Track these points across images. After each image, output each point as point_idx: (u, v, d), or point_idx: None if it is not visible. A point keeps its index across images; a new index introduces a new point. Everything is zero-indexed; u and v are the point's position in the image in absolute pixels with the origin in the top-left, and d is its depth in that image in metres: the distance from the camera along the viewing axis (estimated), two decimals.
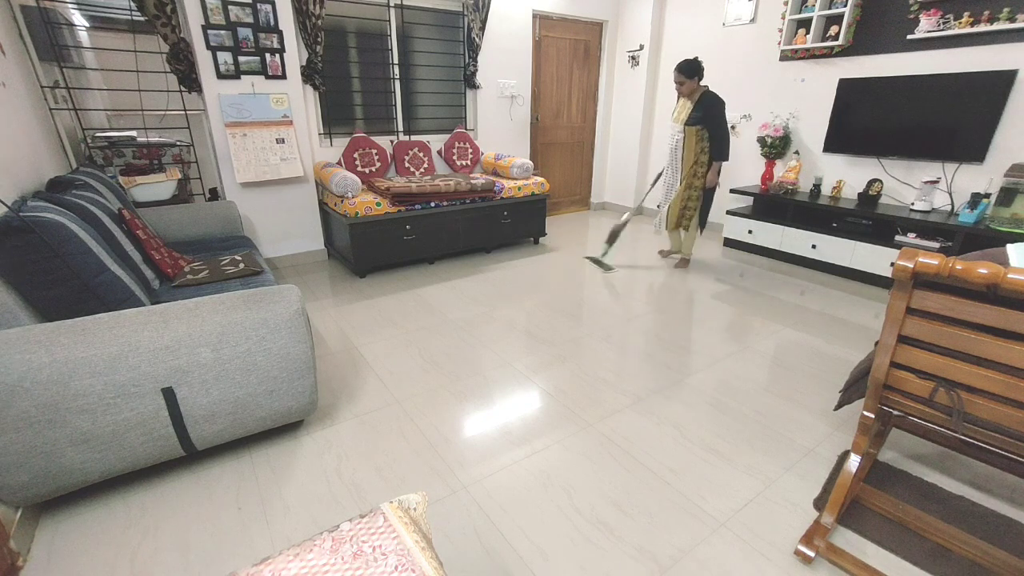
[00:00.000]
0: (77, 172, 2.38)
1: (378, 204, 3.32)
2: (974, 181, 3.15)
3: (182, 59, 3.02)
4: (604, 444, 1.78)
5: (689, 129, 3.26)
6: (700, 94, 3.20)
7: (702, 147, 3.28)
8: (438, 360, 2.35)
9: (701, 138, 3.26)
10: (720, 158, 3.26)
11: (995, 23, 2.90)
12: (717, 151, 3.25)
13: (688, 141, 3.29)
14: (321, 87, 3.56)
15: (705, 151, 3.29)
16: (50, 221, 1.47)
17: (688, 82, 3.17)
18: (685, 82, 3.17)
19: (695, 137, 3.26)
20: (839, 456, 1.72)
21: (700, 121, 3.22)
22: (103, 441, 1.36)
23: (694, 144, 3.28)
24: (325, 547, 0.76)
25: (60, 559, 1.30)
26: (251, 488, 1.55)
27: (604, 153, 5.61)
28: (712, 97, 3.19)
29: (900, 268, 1.10)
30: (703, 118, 3.21)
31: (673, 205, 3.51)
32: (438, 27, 4.10)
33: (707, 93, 3.21)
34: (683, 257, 3.73)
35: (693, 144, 3.28)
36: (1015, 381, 1.06)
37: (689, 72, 3.14)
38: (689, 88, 3.19)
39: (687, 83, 3.17)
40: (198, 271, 2.24)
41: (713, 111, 3.18)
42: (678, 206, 3.50)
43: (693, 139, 3.27)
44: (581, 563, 1.32)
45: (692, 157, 3.31)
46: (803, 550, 1.32)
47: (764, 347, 2.52)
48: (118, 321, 1.37)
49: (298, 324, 1.58)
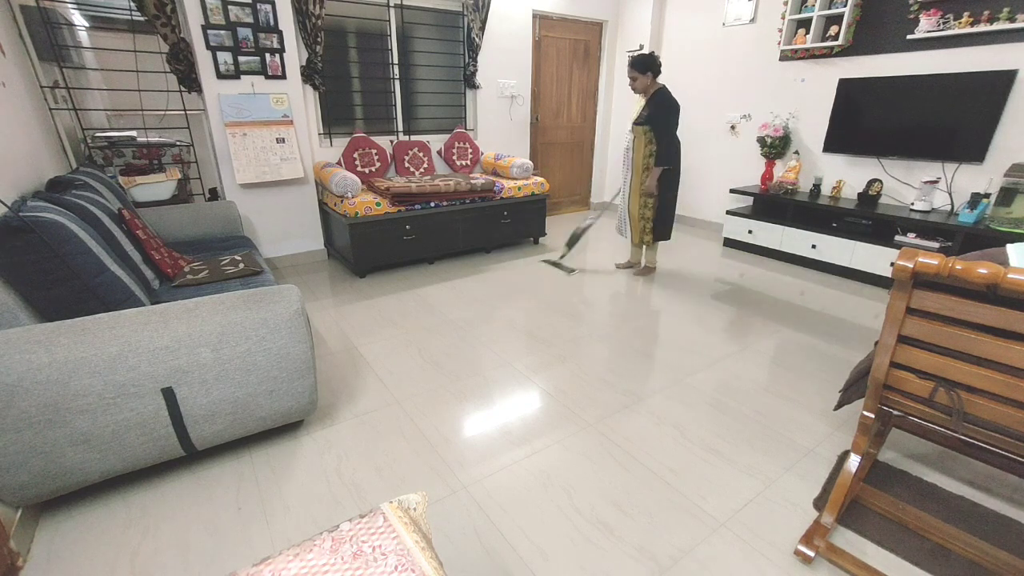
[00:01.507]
0: (77, 172, 2.38)
1: (378, 204, 3.32)
2: (974, 181, 3.15)
3: (182, 59, 3.02)
4: (604, 444, 1.78)
5: (637, 129, 3.02)
6: (654, 92, 2.96)
7: (651, 150, 3.04)
8: (438, 360, 2.35)
9: (650, 140, 3.02)
10: (661, 163, 2.99)
11: (995, 23, 2.90)
12: (659, 155, 3.00)
13: (637, 143, 3.05)
14: (321, 87, 3.56)
15: (653, 155, 3.04)
16: (50, 221, 1.47)
17: (641, 78, 2.93)
18: (638, 77, 2.93)
19: (644, 139, 3.03)
20: (839, 456, 1.72)
21: (647, 121, 2.99)
22: (103, 441, 1.36)
23: (643, 146, 3.04)
24: (325, 547, 0.76)
25: (60, 559, 1.30)
26: (251, 488, 1.55)
27: (604, 153, 5.61)
28: (663, 96, 2.95)
29: (900, 268, 1.10)
30: (650, 117, 2.97)
31: (633, 217, 3.29)
32: (438, 27, 4.11)
33: (660, 91, 2.96)
34: (646, 265, 3.54)
35: (642, 146, 3.04)
36: (1015, 381, 1.06)
37: (641, 67, 2.90)
38: (643, 84, 2.95)
39: (640, 79, 2.93)
40: (198, 271, 2.24)
41: (659, 110, 2.94)
42: (637, 216, 3.27)
43: (642, 140, 3.03)
44: (581, 563, 1.32)
45: (642, 161, 3.08)
46: (803, 550, 1.32)
47: (764, 347, 2.52)
48: (118, 321, 1.37)
49: (298, 324, 1.58)
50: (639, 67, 2.92)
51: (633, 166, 3.14)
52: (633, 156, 3.12)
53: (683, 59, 4.78)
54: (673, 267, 3.75)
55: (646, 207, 3.20)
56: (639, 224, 3.28)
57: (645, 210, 3.21)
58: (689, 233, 4.80)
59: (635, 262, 3.61)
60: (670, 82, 4.91)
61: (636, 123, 3.04)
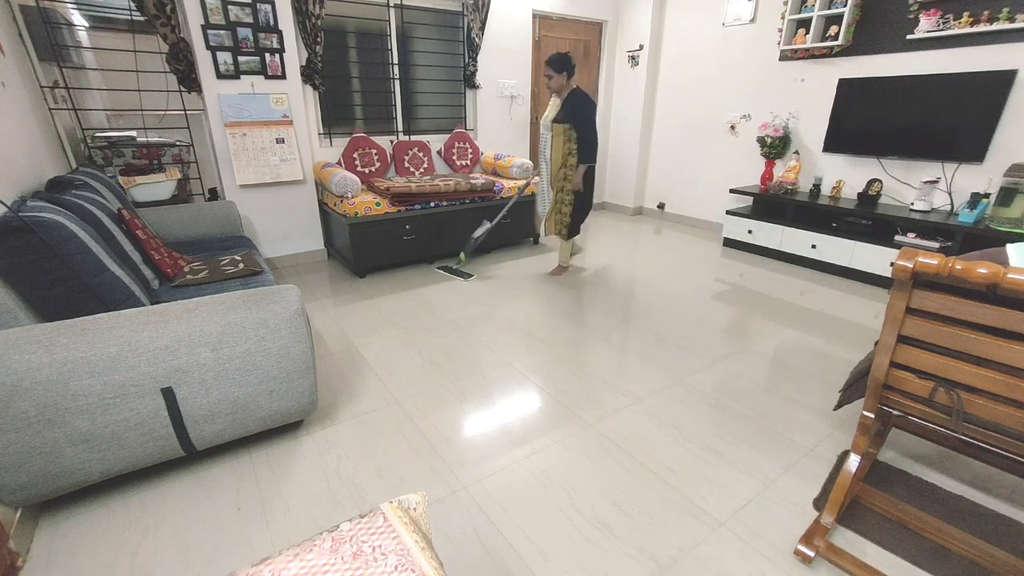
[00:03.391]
0: (77, 172, 2.38)
1: (378, 204, 3.32)
2: (974, 181, 3.15)
3: (182, 59, 3.02)
4: (604, 444, 1.78)
5: (556, 127, 3.06)
6: (569, 92, 3.01)
7: (570, 148, 3.08)
8: (438, 360, 2.35)
9: (569, 138, 3.07)
10: (586, 160, 3.06)
11: (995, 23, 2.91)
12: (583, 153, 3.06)
13: (555, 141, 3.09)
14: (321, 87, 3.56)
15: (573, 153, 3.09)
16: (50, 221, 1.47)
17: (557, 77, 2.96)
18: (554, 76, 2.96)
19: (562, 137, 3.07)
20: (839, 456, 1.72)
21: (567, 119, 3.03)
22: (103, 441, 1.36)
23: (561, 145, 3.09)
24: (325, 547, 0.76)
25: (60, 559, 1.30)
26: (251, 488, 1.55)
27: (604, 153, 5.60)
28: (581, 95, 3.01)
29: (900, 268, 1.10)
30: (570, 116, 3.02)
31: (550, 213, 3.35)
32: (438, 27, 4.10)
33: (576, 91, 3.02)
34: (559, 264, 3.54)
35: (560, 144, 3.09)
36: (1015, 381, 1.06)
37: (558, 66, 2.94)
38: (558, 84, 2.99)
39: (556, 78, 2.97)
40: (198, 271, 2.24)
41: (579, 109, 3.00)
42: (554, 213, 3.32)
43: (560, 139, 3.08)
44: (581, 563, 1.32)
45: (560, 159, 3.13)
46: (803, 550, 1.32)
47: (764, 347, 2.52)
48: (118, 321, 1.37)
49: (298, 324, 1.58)
50: (556, 67, 2.96)
51: (551, 165, 3.19)
52: (551, 154, 3.17)
53: (683, 59, 4.78)
54: (673, 267, 3.75)
55: (564, 203, 3.26)
56: (555, 216, 3.34)
57: (563, 205, 3.28)
58: (689, 233, 4.80)
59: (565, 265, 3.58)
60: (670, 82, 4.97)
61: (555, 121, 3.08)
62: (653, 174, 5.40)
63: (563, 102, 3.03)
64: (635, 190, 5.44)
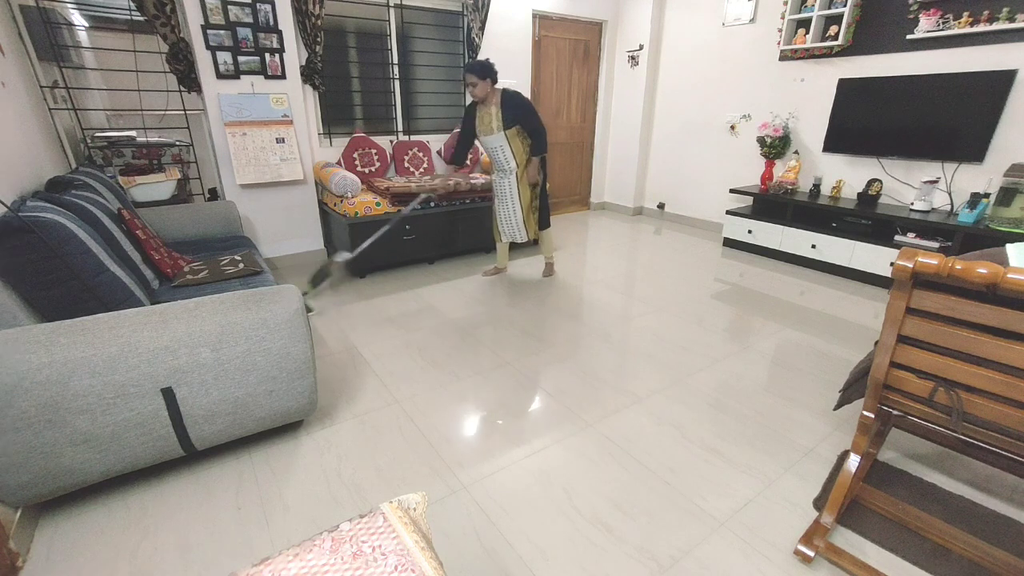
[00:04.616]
0: (76, 172, 2.38)
1: (378, 204, 3.32)
2: (973, 181, 3.16)
3: (181, 59, 3.02)
4: (604, 444, 1.78)
5: (510, 132, 3.07)
6: (502, 96, 3.01)
7: (527, 145, 3.13)
8: (438, 360, 2.35)
9: (524, 137, 3.10)
10: (539, 152, 3.11)
11: (995, 23, 2.91)
12: (539, 145, 3.09)
13: (515, 145, 3.10)
14: (321, 87, 3.56)
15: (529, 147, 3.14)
16: (49, 221, 1.47)
17: (481, 83, 2.93)
18: (478, 83, 2.93)
19: (519, 138, 3.09)
20: (839, 456, 1.72)
21: (517, 120, 3.04)
22: (103, 441, 1.36)
23: (521, 145, 3.11)
24: (325, 547, 0.76)
25: (60, 559, 1.30)
26: (251, 488, 1.55)
27: (604, 153, 5.61)
28: (513, 94, 3.03)
29: (900, 268, 1.10)
30: (518, 117, 3.03)
31: (526, 211, 3.27)
32: (438, 27, 4.11)
33: (509, 93, 3.02)
34: (548, 262, 3.56)
35: (520, 145, 3.11)
36: (1015, 381, 1.06)
37: (482, 73, 2.91)
38: (483, 90, 2.95)
39: (480, 84, 2.93)
40: (198, 271, 2.24)
41: (522, 105, 3.02)
42: (529, 209, 3.27)
43: (518, 140, 3.10)
44: (581, 563, 1.31)
45: (524, 158, 3.15)
46: (803, 550, 1.32)
47: (764, 347, 2.52)
48: (117, 321, 1.37)
49: (297, 324, 1.58)
50: (479, 73, 2.92)
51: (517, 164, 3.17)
52: (514, 156, 3.14)
53: (683, 59, 4.78)
54: (673, 267, 3.75)
55: (535, 198, 3.28)
56: (532, 216, 3.33)
57: (535, 201, 3.29)
58: (689, 233, 4.80)
59: (502, 265, 3.56)
60: (670, 82, 4.97)
61: (506, 128, 3.05)
62: (653, 174, 5.40)
63: (500, 107, 3.02)
64: (635, 190, 5.44)
